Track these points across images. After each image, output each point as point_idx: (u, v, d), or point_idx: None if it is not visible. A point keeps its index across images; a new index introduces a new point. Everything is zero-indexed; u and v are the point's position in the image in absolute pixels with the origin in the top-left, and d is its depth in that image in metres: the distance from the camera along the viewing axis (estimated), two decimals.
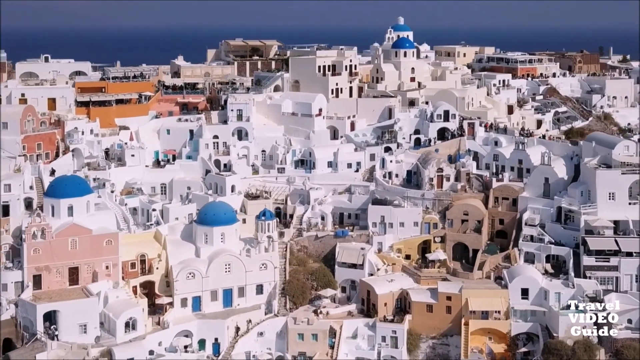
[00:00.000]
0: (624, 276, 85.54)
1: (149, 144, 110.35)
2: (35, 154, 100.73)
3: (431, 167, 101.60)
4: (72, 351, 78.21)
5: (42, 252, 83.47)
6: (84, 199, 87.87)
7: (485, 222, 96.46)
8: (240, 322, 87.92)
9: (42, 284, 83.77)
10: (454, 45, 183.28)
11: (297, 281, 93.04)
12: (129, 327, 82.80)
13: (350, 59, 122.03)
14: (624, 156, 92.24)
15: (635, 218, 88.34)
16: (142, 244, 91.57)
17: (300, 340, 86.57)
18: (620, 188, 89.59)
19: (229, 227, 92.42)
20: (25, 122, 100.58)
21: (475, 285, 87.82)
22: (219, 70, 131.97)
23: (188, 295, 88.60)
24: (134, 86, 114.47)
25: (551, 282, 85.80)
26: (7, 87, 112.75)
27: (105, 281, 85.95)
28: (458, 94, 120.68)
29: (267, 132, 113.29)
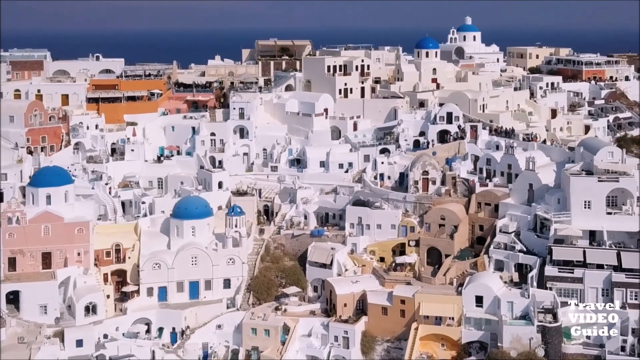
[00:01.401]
0: (588, 289, 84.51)
1: (155, 140, 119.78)
2: (39, 147, 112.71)
3: (416, 169, 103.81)
4: (28, 330, 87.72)
5: (17, 237, 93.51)
6: (61, 189, 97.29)
7: (463, 228, 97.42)
8: (200, 314, 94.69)
9: (16, 266, 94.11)
10: (527, 46, 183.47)
11: (263, 277, 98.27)
12: (89, 311, 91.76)
13: (361, 59, 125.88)
14: (607, 163, 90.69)
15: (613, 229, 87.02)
16: (119, 234, 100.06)
17: (254, 335, 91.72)
18: (597, 196, 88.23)
19: (200, 221, 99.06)
20: (32, 116, 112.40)
21: (431, 291, 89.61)
22: (243, 70, 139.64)
23: (154, 285, 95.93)
24: (146, 84, 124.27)
25: (510, 292, 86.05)
26: (32, 84, 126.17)
27: (75, 267, 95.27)
28: (471, 96, 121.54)
29: (270, 131, 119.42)
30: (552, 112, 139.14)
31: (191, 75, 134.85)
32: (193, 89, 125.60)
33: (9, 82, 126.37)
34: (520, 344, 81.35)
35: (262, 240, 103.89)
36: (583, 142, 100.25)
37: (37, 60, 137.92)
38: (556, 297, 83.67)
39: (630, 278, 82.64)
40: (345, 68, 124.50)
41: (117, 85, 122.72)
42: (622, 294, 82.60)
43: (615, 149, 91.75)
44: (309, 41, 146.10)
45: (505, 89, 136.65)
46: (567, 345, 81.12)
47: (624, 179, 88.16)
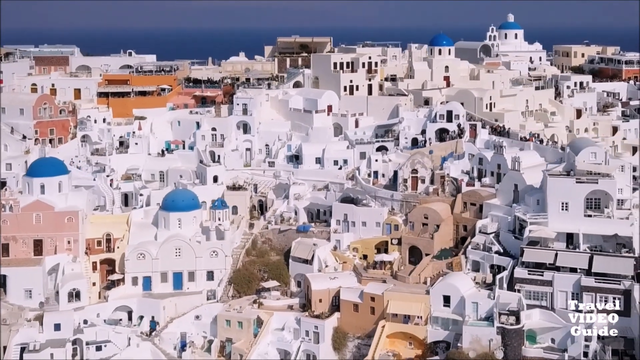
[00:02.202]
0: (558, 292, 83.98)
1: (162, 134, 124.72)
2: (47, 139, 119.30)
3: (405, 167, 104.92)
4: (12, 312, 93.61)
5: (10, 224, 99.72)
6: (55, 179, 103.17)
7: (445, 227, 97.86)
8: (180, 304, 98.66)
9: (9, 252, 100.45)
10: (572, 44, 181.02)
11: (245, 271, 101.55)
12: (73, 297, 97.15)
13: (369, 57, 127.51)
14: (589, 164, 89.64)
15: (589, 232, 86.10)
16: (111, 224, 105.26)
17: (228, 326, 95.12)
18: (575, 198, 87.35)
19: (186, 214, 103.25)
20: (41, 109, 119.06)
21: (402, 289, 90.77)
22: (259, 66, 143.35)
23: (139, 275, 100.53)
24: (156, 79, 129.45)
25: (477, 293, 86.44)
26: (50, 78, 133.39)
27: (65, 254, 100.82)
28: (477, 94, 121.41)
29: (274, 127, 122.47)
30: (577, 113, 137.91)
31: (202, 72, 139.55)
32: (202, 85, 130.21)
33: (30, 76, 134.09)
34: (480, 345, 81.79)
35: (251, 235, 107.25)
36: (571, 142, 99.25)
37: (62, 56, 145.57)
38: (522, 300, 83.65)
39: (600, 283, 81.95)
40: (352, 65, 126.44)
41: (129, 81, 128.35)
42: (592, 299, 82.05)
43: (599, 150, 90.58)
44: (329, 38, 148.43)
45: (525, 87, 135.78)
46: (528, 348, 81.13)
47: (603, 180, 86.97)
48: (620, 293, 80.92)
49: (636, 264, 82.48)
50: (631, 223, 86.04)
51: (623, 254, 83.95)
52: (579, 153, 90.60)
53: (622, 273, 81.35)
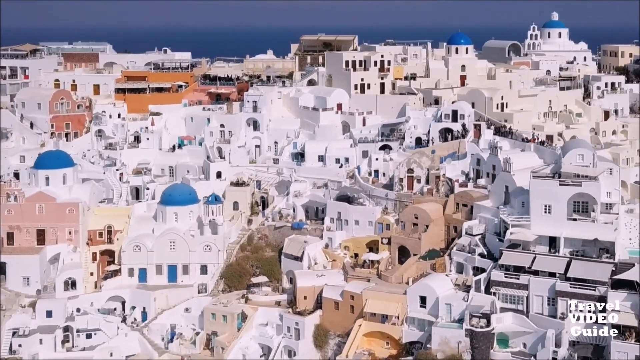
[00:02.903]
0: (533, 297, 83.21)
1: (175, 130, 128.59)
2: (64, 132, 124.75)
3: (401, 167, 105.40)
4: (8, 298, 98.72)
5: (14, 213, 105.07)
6: (59, 172, 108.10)
7: (434, 228, 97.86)
8: (171, 296, 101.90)
9: (14, 241, 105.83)
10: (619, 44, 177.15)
11: (237, 266, 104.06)
12: (69, 285, 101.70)
13: (381, 55, 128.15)
14: (576, 166, 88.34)
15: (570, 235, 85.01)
16: (113, 217, 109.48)
17: (213, 320, 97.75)
18: (558, 201, 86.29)
19: (182, 208, 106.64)
20: (58, 104, 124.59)
21: (381, 289, 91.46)
22: (280, 64, 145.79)
23: (135, 266, 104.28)
24: (173, 76, 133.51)
25: (453, 294, 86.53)
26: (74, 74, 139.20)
27: (65, 244, 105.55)
28: (488, 94, 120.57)
29: (284, 125, 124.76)
30: (605, 114, 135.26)
31: (224, 69, 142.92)
32: (217, 82, 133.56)
33: (55, 72, 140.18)
34: (449, 347, 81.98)
35: (248, 230, 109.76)
36: (566, 143, 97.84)
37: (92, 53, 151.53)
38: (496, 303, 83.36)
39: (575, 288, 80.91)
40: (365, 63, 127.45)
41: (147, 77, 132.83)
42: (566, 304, 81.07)
43: (586, 152, 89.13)
44: (353, 36, 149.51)
45: (548, 88, 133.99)
46: (496, 352, 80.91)
47: (587, 183, 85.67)
48: (595, 299, 79.92)
49: (615, 270, 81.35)
50: (614, 228, 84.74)
51: (602, 260, 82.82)
52: (566, 155, 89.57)
53: (597, 279, 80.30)
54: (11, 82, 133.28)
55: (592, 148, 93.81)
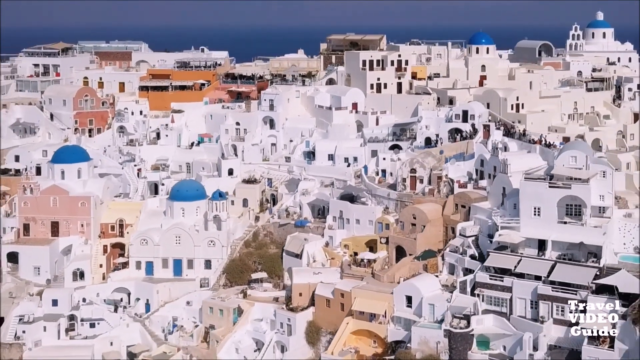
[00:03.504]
0: (517, 299, 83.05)
1: (195, 128, 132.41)
2: (87, 128, 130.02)
3: (404, 167, 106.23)
4: (18, 286, 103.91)
5: (30, 205, 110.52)
6: (74, 166, 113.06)
7: (431, 228, 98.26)
8: (174, 289, 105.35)
9: (29, 232, 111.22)
10: None
11: (239, 261, 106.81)
12: (77, 276, 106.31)
13: (398, 54, 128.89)
14: (568, 168, 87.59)
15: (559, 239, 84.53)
16: (126, 211, 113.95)
17: (211, 313, 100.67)
18: (547, 203, 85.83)
19: (189, 204, 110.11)
20: (82, 100, 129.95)
21: (371, 287, 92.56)
22: (305, 64, 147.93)
23: (142, 259, 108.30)
24: (196, 74, 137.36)
25: (438, 295, 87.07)
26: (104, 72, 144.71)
27: (77, 236, 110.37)
28: (502, 94, 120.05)
29: (300, 123, 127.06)
30: (635, 117, 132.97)
31: (251, 68, 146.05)
32: (238, 81, 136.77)
33: (87, 70, 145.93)
34: (428, 347, 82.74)
35: (255, 227, 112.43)
36: (565, 145, 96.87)
37: (125, 52, 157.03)
38: (478, 304, 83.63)
39: (556, 292, 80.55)
40: (382, 63, 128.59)
41: (170, 75, 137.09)
42: (548, 308, 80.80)
43: (580, 154, 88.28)
44: (379, 36, 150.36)
45: (574, 89, 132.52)
46: (474, 353, 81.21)
47: (577, 186, 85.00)
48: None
49: (599, 274, 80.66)
50: (603, 232, 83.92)
51: (586, 264, 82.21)
52: (558, 156, 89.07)
53: (578, 283, 79.79)
54: (42, 79, 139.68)
55: (589, 150, 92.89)
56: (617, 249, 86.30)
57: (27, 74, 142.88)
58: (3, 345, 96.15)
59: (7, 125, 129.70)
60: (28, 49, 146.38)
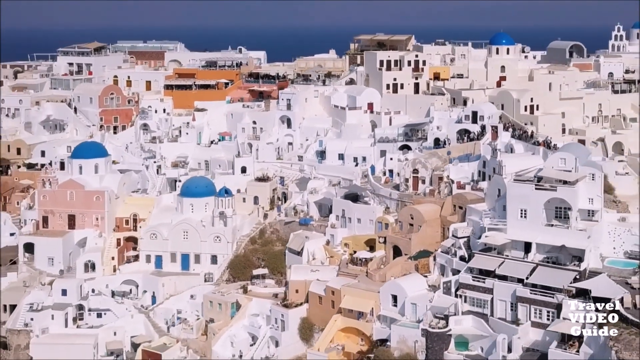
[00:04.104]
0: (497, 301, 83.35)
1: (217, 126, 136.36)
2: (112, 125, 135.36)
3: (407, 167, 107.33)
4: (31, 276, 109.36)
5: (49, 199, 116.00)
6: (91, 161, 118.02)
7: (427, 229, 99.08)
8: (179, 283, 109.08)
9: (48, 224, 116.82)
10: None
11: (243, 258, 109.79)
12: (88, 267, 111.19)
13: (415, 54, 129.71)
14: (557, 171, 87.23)
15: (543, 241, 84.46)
16: (140, 206, 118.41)
17: (211, 307, 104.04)
18: (533, 205, 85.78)
19: (198, 200, 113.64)
20: (107, 98, 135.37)
21: (360, 286, 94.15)
22: (331, 64, 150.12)
23: (151, 253, 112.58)
24: (219, 74, 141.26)
25: (424, 295, 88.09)
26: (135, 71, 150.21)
27: (92, 230, 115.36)
28: (516, 95, 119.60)
29: (316, 123, 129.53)
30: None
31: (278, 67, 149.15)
32: (259, 80, 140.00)
33: (119, 69, 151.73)
34: (406, 346, 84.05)
35: (262, 224, 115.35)
36: (562, 147, 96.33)
37: (159, 51, 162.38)
38: (459, 305, 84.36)
39: (535, 294, 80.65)
40: (399, 63, 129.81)
41: (195, 74, 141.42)
42: (527, 310, 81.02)
43: (569, 157, 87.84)
44: (407, 36, 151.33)
45: (598, 91, 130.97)
46: (450, 353, 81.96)
47: (563, 188, 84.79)
48: (553, 307, 79.47)
49: (578, 278, 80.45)
50: (588, 236, 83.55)
51: (567, 267, 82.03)
52: (547, 159, 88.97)
53: (555, 286, 79.75)
54: (75, 77, 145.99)
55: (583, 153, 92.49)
56: (606, 253, 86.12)
57: (62, 73, 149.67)
58: (12, 332, 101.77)
59: (37, 122, 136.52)
60: (64, 48, 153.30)
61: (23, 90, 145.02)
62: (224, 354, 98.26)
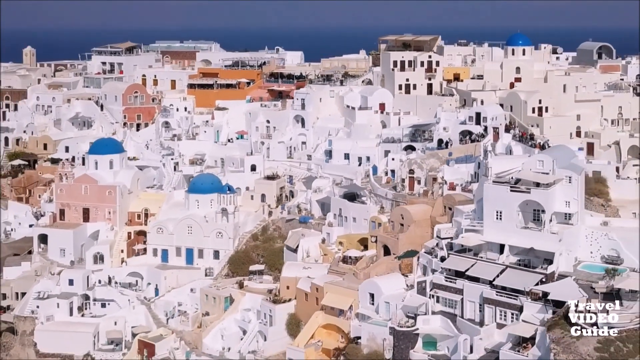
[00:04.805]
0: (467, 302, 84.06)
1: (236, 125, 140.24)
2: (135, 123, 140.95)
3: (403, 168, 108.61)
4: (43, 266, 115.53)
5: (65, 192, 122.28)
6: (106, 157, 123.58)
7: (415, 229, 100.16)
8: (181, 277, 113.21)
9: (65, 217, 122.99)
10: None
11: (243, 254, 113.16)
12: (97, 259, 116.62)
13: (429, 55, 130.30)
14: (534, 173, 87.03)
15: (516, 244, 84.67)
16: (151, 201, 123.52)
17: (206, 300, 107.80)
18: (508, 207, 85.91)
19: (203, 196, 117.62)
20: (131, 96, 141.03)
21: (341, 283, 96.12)
22: (355, 64, 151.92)
23: (158, 247, 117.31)
24: (241, 73, 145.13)
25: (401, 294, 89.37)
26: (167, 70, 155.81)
27: (104, 223, 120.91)
28: (524, 97, 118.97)
29: (330, 123, 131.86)
30: None
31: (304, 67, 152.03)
32: (279, 80, 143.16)
33: (149, 68, 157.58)
34: (375, 343, 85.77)
35: (265, 221, 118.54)
36: (549, 149, 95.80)
37: (191, 51, 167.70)
38: (429, 304, 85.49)
39: (500, 296, 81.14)
40: (413, 64, 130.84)
41: (218, 74, 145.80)
42: (493, 312, 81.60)
43: (546, 158, 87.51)
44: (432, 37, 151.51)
45: (618, 93, 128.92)
46: (415, 352, 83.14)
47: (536, 191, 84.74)
48: (517, 309, 79.93)
49: (545, 280, 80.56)
50: (559, 239, 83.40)
51: (534, 270, 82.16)
52: (526, 161, 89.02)
53: (518, 288, 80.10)
54: (106, 76, 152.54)
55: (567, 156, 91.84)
56: (583, 257, 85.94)
57: (95, 72, 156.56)
58: (19, 318, 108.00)
59: (66, 118, 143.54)
60: (98, 47, 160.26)
61: (58, 88, 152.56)
62: (213, 346, 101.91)
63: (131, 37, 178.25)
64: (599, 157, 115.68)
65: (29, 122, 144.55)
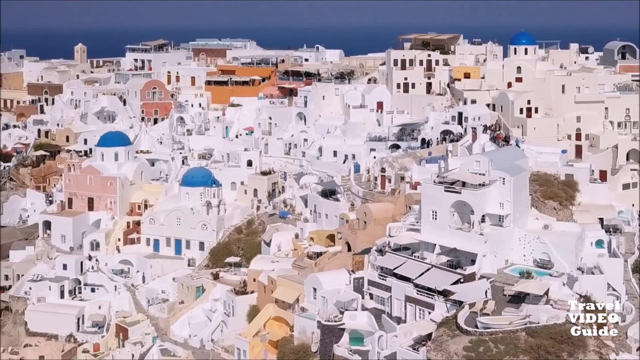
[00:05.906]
0: (395, 299, 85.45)
1: (248, 121, 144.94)
2: (152, 118, 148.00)
3: (375, 166, 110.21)
4: (42, 250, 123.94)
5: (72, 182, 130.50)
6: (111, 150, 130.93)
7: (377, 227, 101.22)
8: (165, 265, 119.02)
9: (72, 205, 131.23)
10: None
11: (224, 246, 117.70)
12: (93, 246, 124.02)
13: (428, 54, 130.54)
14: (471, 174, 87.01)
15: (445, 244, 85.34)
16: (151, 192, 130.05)
17: (181, 289, 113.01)
18: (442, 207, 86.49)
19: (192, 189, 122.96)
20: (150, 92, 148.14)
21: (292, 277, 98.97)
22: (372, 62, 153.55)
23: (150, 237, 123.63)
24: (256, 71, 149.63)
25: (336, 289, 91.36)
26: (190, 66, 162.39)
27: (105, 212, 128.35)
28: (512, 97, 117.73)
29: (331, 120, 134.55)
30: None
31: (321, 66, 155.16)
32: (290, 77, 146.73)
33: (178, 65, 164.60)
34: (305, 336, 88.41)
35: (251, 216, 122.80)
36: (498, 149, 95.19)
37: (220, 48, 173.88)
38: (358, 301, 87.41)
39: (421, 295, 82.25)
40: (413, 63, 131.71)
41: (235, 71, 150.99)
42: (414, 310, 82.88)
43: (483, 159, 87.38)
44: (450, 35, 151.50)
45: (625, 94, 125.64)
46: (338, 347, 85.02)
47: (467, 191, 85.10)
48: (432, 307, 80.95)
49: (462, 280, 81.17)
50: (484, 240, 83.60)
51: (454, 270, 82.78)
52: (464, 161, 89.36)
53: (433, 287, 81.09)
54: (134, 72, 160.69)
55: (514, 157, 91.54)
56: (515, 260, 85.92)
57: (127, 68, 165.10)
58: (13, 298, 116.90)
59: (92, 112, 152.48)
60: (131, 45, 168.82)
61: (92, 84, 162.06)
62: (180, 333, 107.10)
63: (175, 36, 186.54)
64: (587, 160, 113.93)
65: (61, 116, 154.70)
